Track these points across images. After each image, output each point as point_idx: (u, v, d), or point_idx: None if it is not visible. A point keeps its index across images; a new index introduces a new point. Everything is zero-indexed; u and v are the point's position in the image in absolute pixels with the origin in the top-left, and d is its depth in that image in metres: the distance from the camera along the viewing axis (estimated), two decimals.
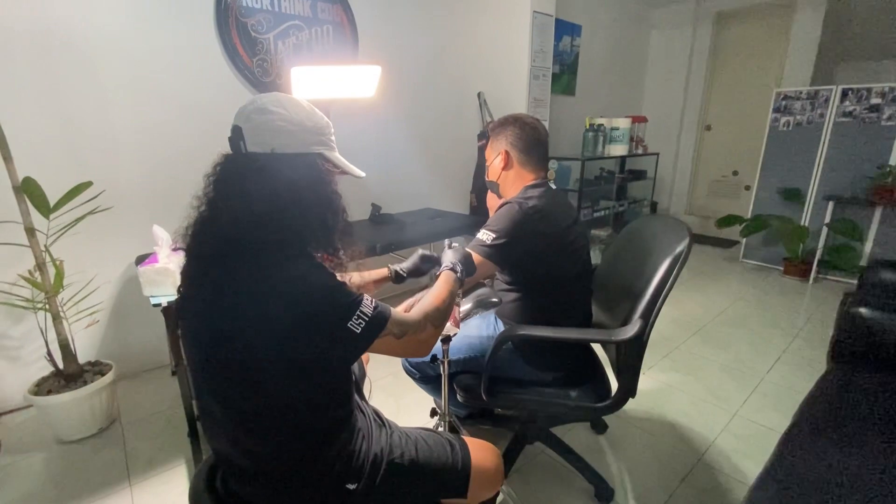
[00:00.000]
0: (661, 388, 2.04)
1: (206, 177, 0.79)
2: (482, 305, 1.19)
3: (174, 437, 1.72)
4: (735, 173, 4.72)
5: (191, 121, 2.08)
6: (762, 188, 3.75)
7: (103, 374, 1.75)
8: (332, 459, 0.82)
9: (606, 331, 1.18)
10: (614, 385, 1.27)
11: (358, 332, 0.72)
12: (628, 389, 1.22)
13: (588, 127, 3.36)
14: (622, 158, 3.72)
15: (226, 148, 0.78)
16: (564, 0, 3.55)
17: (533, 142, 1.31)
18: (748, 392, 2.01)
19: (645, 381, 2.08)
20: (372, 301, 0.76)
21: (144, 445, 1.69)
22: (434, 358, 1.28)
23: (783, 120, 3.53)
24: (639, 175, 4.01)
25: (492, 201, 1.49)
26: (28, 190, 1.49)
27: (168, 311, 1.40)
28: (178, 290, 0.83)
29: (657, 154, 3.96)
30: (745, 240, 3.83)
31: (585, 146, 3.37)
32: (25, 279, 1.64)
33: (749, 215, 3.81)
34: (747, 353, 2.36)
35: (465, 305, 1.23)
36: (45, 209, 1.55)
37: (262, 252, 0.73)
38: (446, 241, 1.14)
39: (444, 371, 1.22)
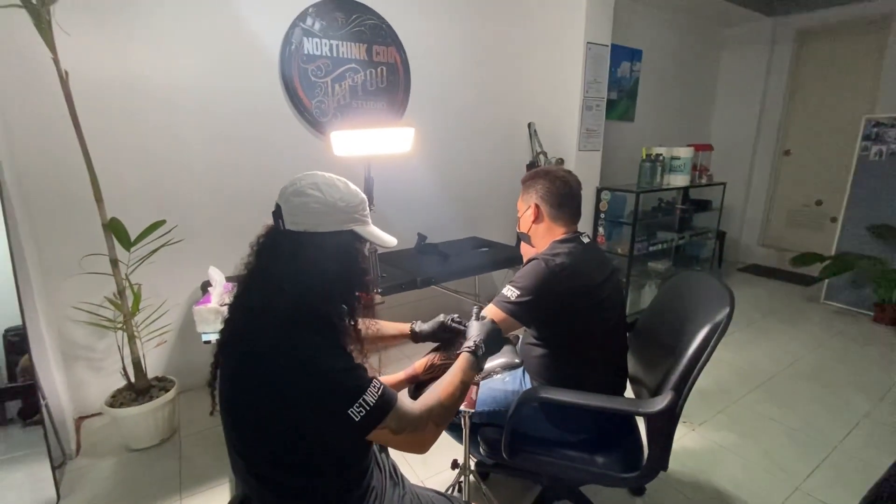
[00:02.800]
0: (711, 449, 1.89)
1: (250, 245, 0.87)
2: (506, 367, 1.18)
3: (224, 452, 1.85)
4: (819, 203, 4.28)
5: (253, 160, 2.28)
6: (849, 223, 3.37)
7: (167, 390, 1.94)
8: None
9: (635, 400, 1.13)
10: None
11: (357, 420, 0.73)
12: (658, 463, 1.15)
13: (644, 157, 3.22)
14: (684, 189, 3.52)
15: (276, 190, 0.84)
16: (624, 25, 3.46)
17: (563, 196, 1.30)
18: (815, 463, 1.80)
19: (694, 439, 1.94)
20: (378, 389, 0.77)
21: (198, 459, 1.85)
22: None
23: (874, 149, 3.17)
24: (702, 205, 3.76)
25: (524, 249, 1.48)
26: (113, 228, 1.71)
27: None
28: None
29: (724, 184, 3.70)
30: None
31: (642, 177, 3.23)
32: (110, 301, 1.87)
33: (833, 251, 3.44)
34: (820, 416, 2.12)
35: (490, 363, 1.22)
36: (127, 244, 1.77)
37: (283, 323, 0.78)
38: (475, 309, 1.13)
39: (465, 429, 1.22)
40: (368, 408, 0.74)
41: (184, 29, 2.03)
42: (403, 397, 0.82)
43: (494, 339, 1.04)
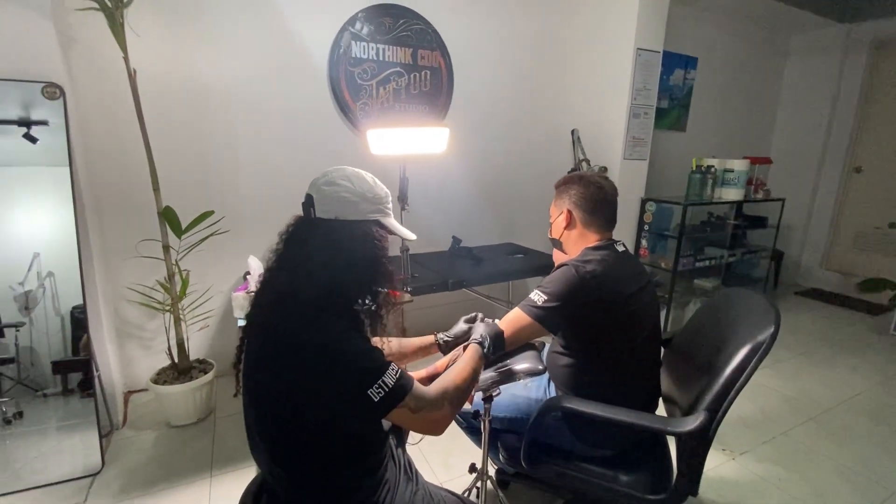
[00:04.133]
0: (753, 481, 1.76)
1: (279, 234, 0.91)
2: (529, 373, 1.15)
3: None
4: (892, 225, 3.90)
5: (297, 158, 2.38)
6: None
7: (206, 372, 2.04)
8: None
9: (664, 418, 1.07)
10: None
11: (376, 400, 0.75)
12: (687, 487, 1.08)
13: (694, 168, 3.07)
14: (737, 204, 3.32)
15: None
16: (679, 32, 3.33)
17: (597, 202, 1.26)
18: None
19: (733, 469, 1.81)
20: (396, 371, 0.79)
21: (230, 440, 1.93)
22: (476, 413, 1.27)
23: None
24: (757, 222, 3.54)
25: (556, 256, 1.45)
26: (167, 215, 1.83)
27: None
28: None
29: (782, 200, 3.47)
30: None
31: (690, 189, 3.08)
32: (160, 284, 2.00)
33: None
34: (878, 456, 1.93)
35: (518, 365, 1.20)
36: (178, 231, 1.88)
37: (308, 307, 0.80)
38: (479, 315, 1.14)
39: (484, 432, 1.21)
40: (388, 389, 0.76)
41: (242, 32, 2.15)
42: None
43: (499, 339, 1.09)
